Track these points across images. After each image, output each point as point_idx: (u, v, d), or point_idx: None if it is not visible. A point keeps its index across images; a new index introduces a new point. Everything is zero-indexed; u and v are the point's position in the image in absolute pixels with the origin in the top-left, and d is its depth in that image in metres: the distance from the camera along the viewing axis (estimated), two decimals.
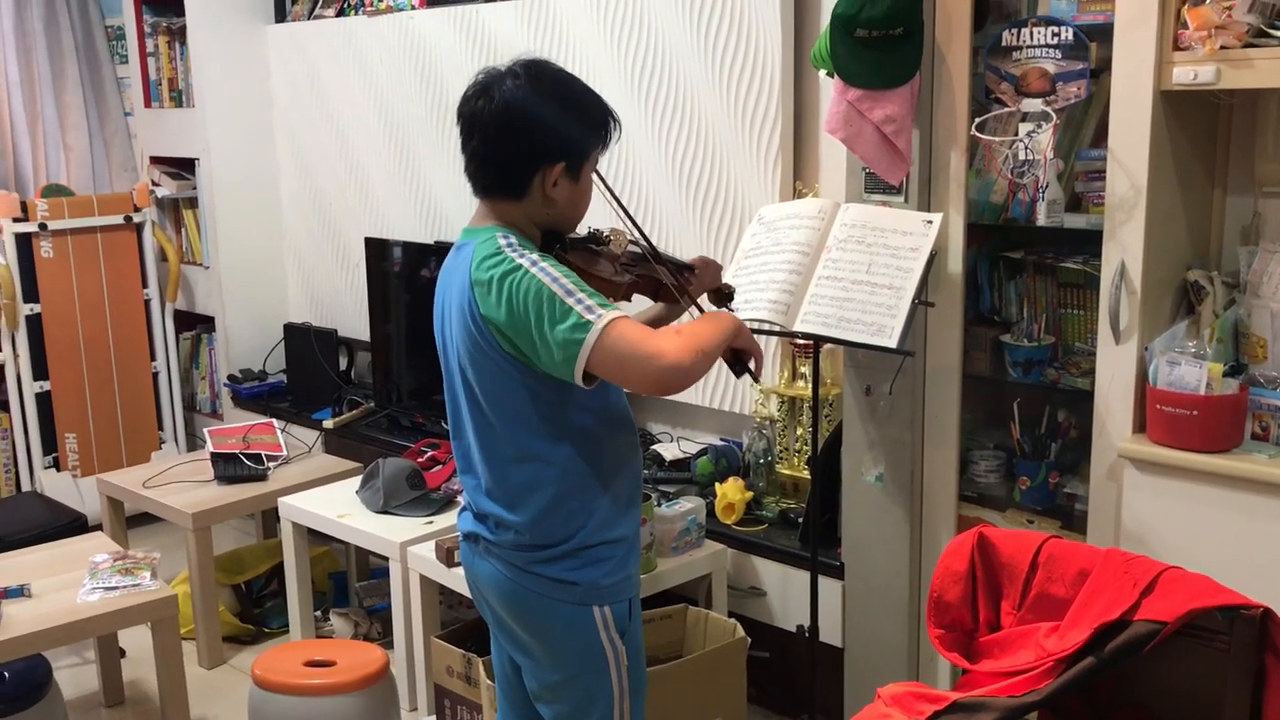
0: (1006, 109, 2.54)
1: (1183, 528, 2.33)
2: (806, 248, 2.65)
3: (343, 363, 4.76)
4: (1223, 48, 2.21)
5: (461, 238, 2.06)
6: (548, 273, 1.90)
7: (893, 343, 2.47)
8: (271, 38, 4.84)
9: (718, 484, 3.29)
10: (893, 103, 2.55)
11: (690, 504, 3.10)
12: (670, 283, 2.20)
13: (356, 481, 3.60)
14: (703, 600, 3.11)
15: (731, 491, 3.22)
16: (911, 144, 2.61)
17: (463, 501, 2.19)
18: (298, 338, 4.79)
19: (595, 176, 2.08)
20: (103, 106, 5.33)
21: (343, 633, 3.72)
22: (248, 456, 3.97)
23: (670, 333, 1.91)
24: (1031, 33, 2.49)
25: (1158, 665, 1.87)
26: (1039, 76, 2.49)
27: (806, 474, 3.24)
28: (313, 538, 3.64)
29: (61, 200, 4.65)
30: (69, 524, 3.83)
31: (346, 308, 4.75)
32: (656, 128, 3.51)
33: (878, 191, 2.72)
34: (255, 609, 3.99)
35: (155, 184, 5.07)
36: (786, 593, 3.10)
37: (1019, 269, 2.75)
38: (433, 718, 3.11)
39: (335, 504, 3.52)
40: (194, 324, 5.21)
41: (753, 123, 3.28)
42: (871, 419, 2.81)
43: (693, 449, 3.56)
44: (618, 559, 2.07)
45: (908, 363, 2.69)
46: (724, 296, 2.35)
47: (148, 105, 5.13)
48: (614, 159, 3.55)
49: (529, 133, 1.96)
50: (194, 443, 5.02)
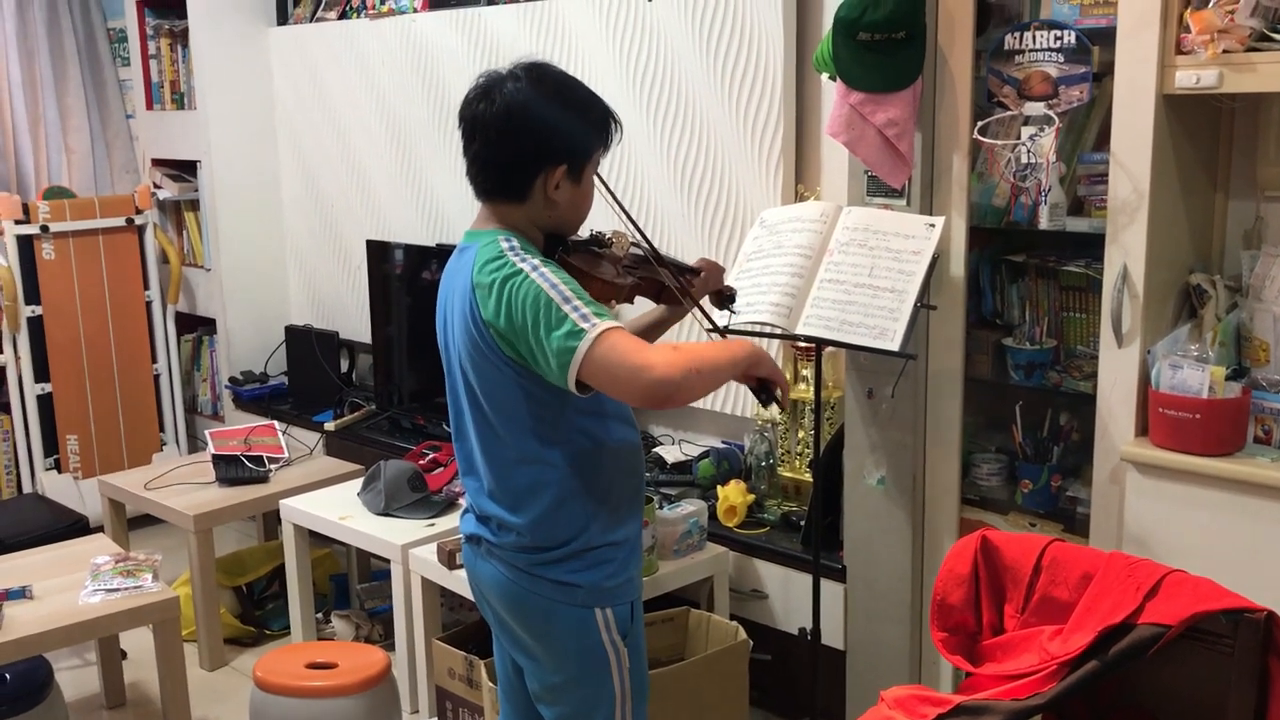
0: (1009, 112, 2.54)
1: (1185, 531, 2.32)
2: (808, 251, 2.65)
3: (344, 365, 4.76)
4: (1225, 52, 2.21)
5: (464, 240, 2.06)
6: (547, 279, 1.90)
7: (895, 346, 2.47)
8: (273, 40, 4.84)
9: (720, 487, 3.29)
10: (895, 106, 2.55)
11: (692, 507, 3.10)
12: (673, 285, 2.20)
13: (358, 484, 3.60)
14: (705, 603, 3.11)
15: (733, 494, 3.22)
16: (914, 147, 2.61)
17: (465, 504, 2.19)
18: (299, 340, 4.79)
19: (596, 179, 2.08)
20: (105, 109, 5.34)
21: (344, 635, 3.72)
22: (249, 458, 3.97)
23: (667, 348, 1.88)
24: (1034, 36, 2.49)
25: (1161, 669, 1.87)
26: (1041, 80, 2.49)
27: (808, 477, 3.24)
28: (314, 540, 3.64)
29: (63, 202, 4.65)
30: (70, 526, 3.83)
31: (348, 310, 4.75)
32: (658, 131, 3.52)
33: (880, 194, 2.72)
34: (256, 611, 3.99)
35: (157, 186, 5.07)
36: (788, 595, 3.10)
37: (1021, 272, 2.75)
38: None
39: (336, 506, 3.52)
40: (195, 326, 5.21)
41: (755, 126, 3.28)
42: (873, 422, 2.80)
43: (695, 451, 3.56)
44: (620, 561, 2.07)
45: (910, 366, 2.69)
46: (725, 299, 2.36)
47: (149, 107, 5.13)
48: (616, 162, 3.55)
49: (531, 135, 1.96)
50: (195, 445, 5.03)
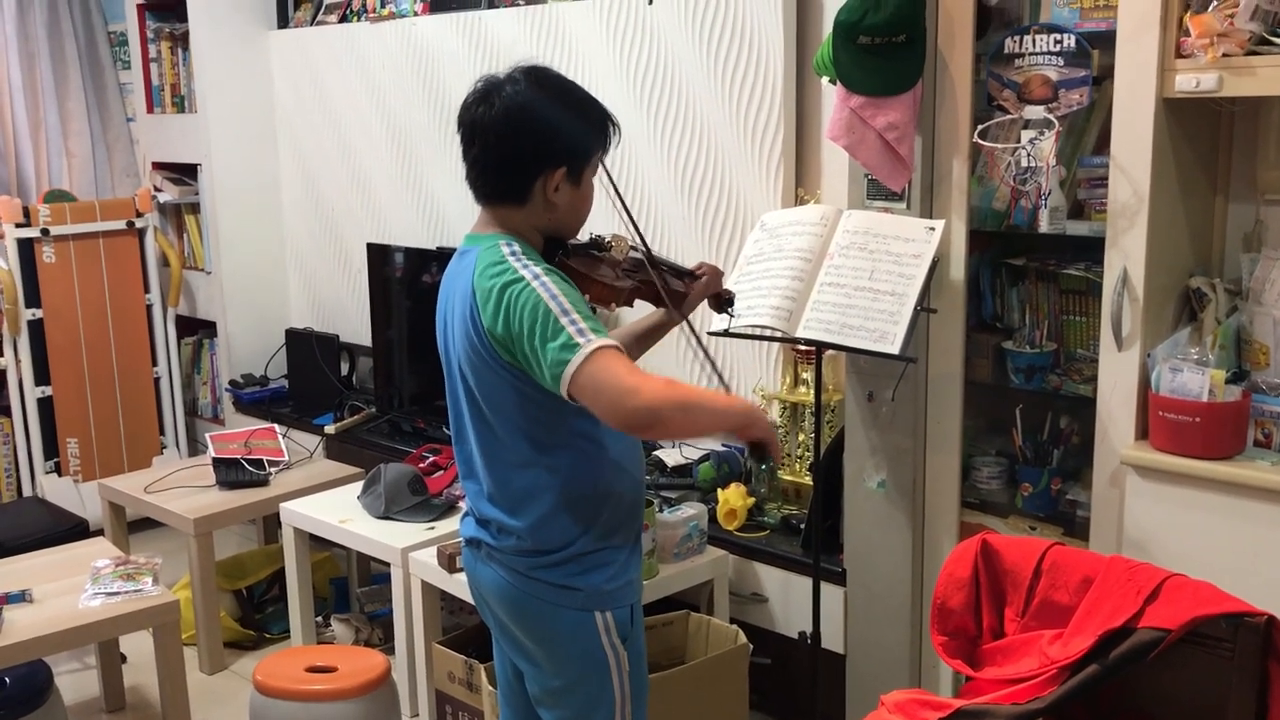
0: (1009, 116, 2.54)
1: (1185, 535, 2.32)
2: (809, 254, 2.65)
3: (344, 368, 4.76)
4: (1225, 55, 2.21)
5: (464, 244, 2.06)
6: (548, 289, 1.89)
7: (895, 349, 2.47)
8: (274, 43, 4.85)
9: (720, 490, 3.28)
10: (895, 110, 2.55)
11: (692, 510, 3.10)
12: (663, 293, 2.20)
13: (358, 487, 3.60)
14: (704, 606, 3.11)
15: (733, 497, 3.22)
16: (914, 151, 2.61)
17: (465, 507, 2.19)
18: (299, 343, 4.79)
19: (606, 178, 2.07)
20: (105, 112, 5.34)
21: (344, 638, 3.72)
22: (249, 462, 3.97)
23: (660, 379, 1.87)
24: (1034, 40, 2.49)
25: (1161, 673, 1.87)
26: (1041, 84, 2.49)
27: (808, 480, 3.23)
28: (314, 543, 3.63)
29: (64, 205, 4.65)
30: (70, 529, 3.83)
31: (348, 313, 4.75)
32: (659, 134, 3.52)
33: (880, 198, 2.72)
34: (256, 614, 3.99)
35: (157, 189, 5.07)
36: (788, 599, 3.10)
37: (1021, 276, 2.75)
38: None
39: (337, 509, 3.52)
40: (196, 329, 5.21)
41: (755, 129, 3.28)
42: (874, 425, 2.80)
43: (695, 455, 3.56)
44: (619, 564, 2.07)
45: (910, 369, 2.69)
46: (724, 302, 2.35)
47: (150, 111, 5.14)
48: (616, 165, 3.53)
49: (530, 137, 1.96)
50: (195, 448, 5.03)
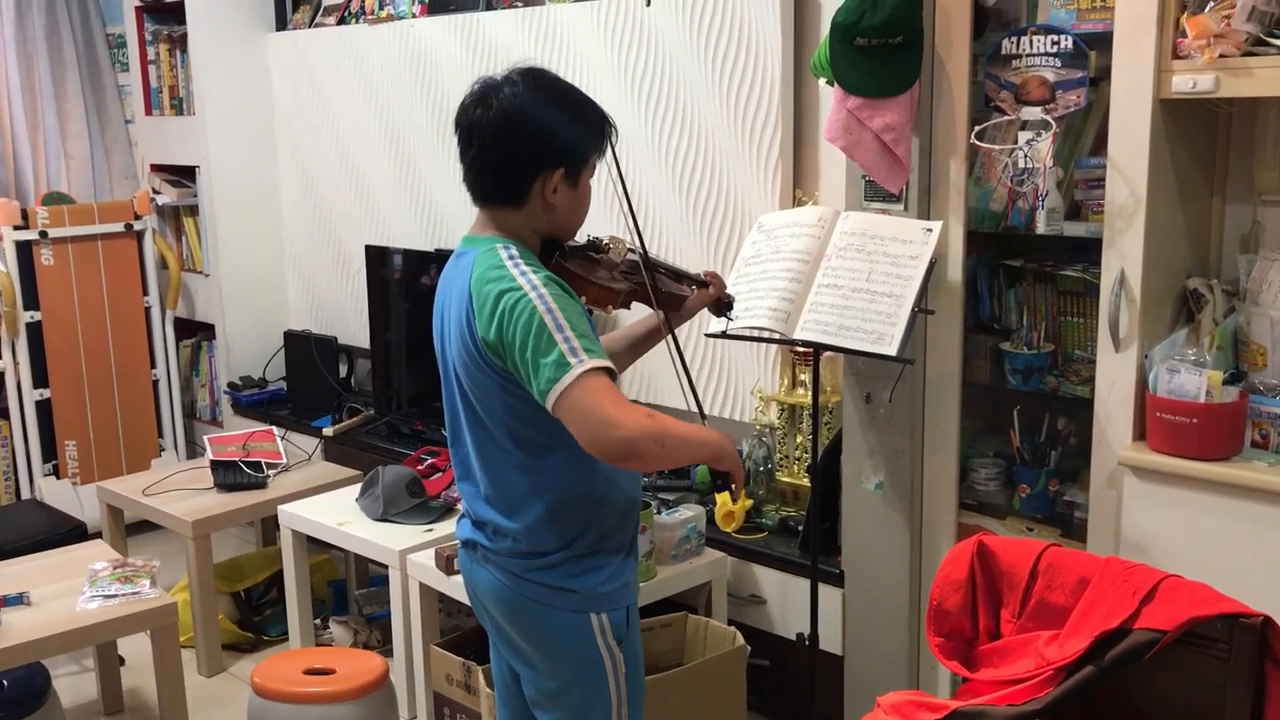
0: (1006, 117, 2.54)
1: (1183, 536, 2.32)
2: (806, 256, 2.65)
3: (343, 370, 4.76)
4: (1222, 56, 2.21)
5: (461, 246, 2.06)
6: (544, 301, 1.88)
7: (893, 350, 2.47)
8: (272, 46, 4.85)
9: (718, 492, 3.28)
10: (892, 111, 2.55)
11: (690, 512, 3.10)
12: (673, 291, 2.20)
13: (356, 489, 3.60)
14: (702, 608, 3.11)
15: (731, 500, 3.22)
16: (911, 152, 2.61)
17: (461, 509, 2.19)
18: (298, 345, 4.79)
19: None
20: (103, 114, 5.34)
21: (342, 641, 3.72)
22: (247, 464, 3.97)
23: (642, 412, 1.86)
24: (1031, 41, 2.49)
25: (1157, 674, 1.87)
26: (1038, 85, 2.49)
27: (806, 482, 3.23)
28: (312, 545, 3.63)
29: (62, 208, 4.65)
30: (68, 532, 3.83)
31: (347, 315, 4.75)
32: (657, 136, 3.52)
33: (877, 199, 2.72)
34: (255, 617, 3.99)
35: (156, 192, 5.07)
36: (786, 601, 3.10)
37: (1019, 277, 2.75)
38: None
39: (335, 512, 3.52)
40: (194, 331, 5.21)
41: (753, 131, 3.29)
42: (871, 427, 2.80)
43: None
44: (615, 566, 2.07)
45: (907, 370, 2.69)
46: (723, 305, 2.36)
47: (148, 113, 5.14)
48: (613, 173, 3.55)
49: (528, 139, 1.96)
50: (194, 450, 5.02)
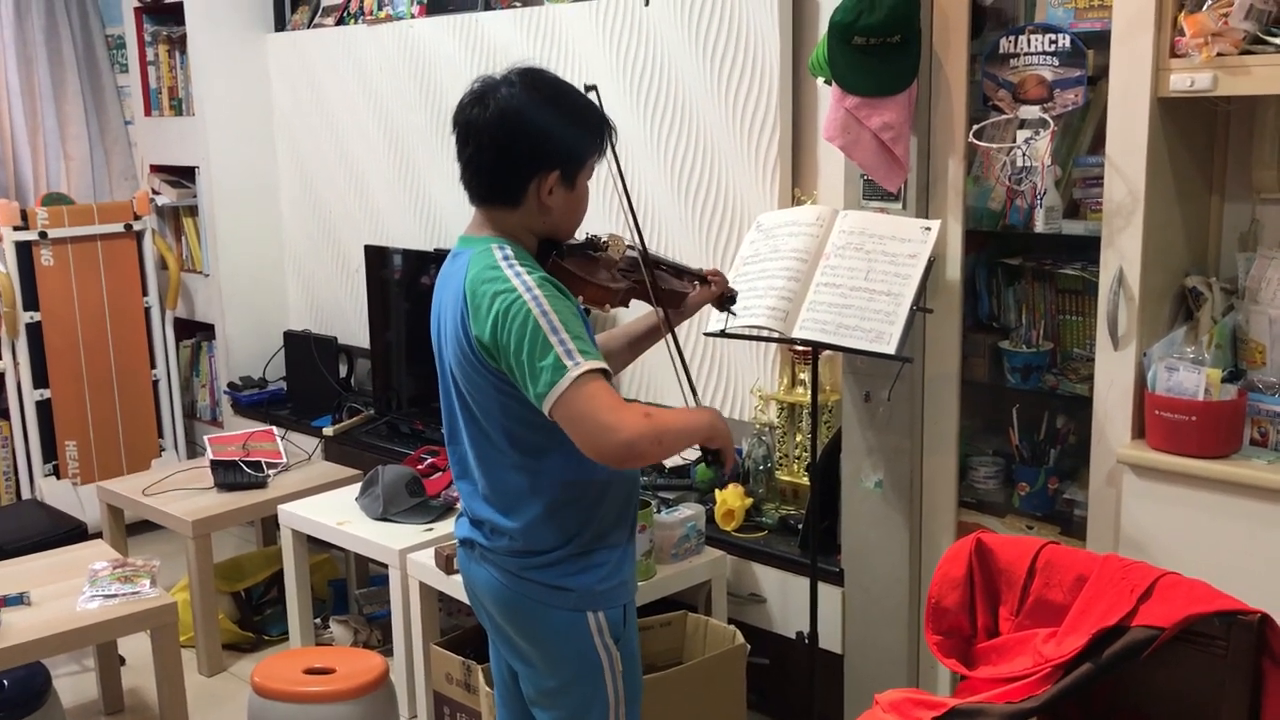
0: (1004, 116, 2.54)
1: (1181, 533, 2.33)
2: (805, 255, 2.65)
3: (342, 370, 4.76)
4: (1219, 54, 2.21)
5: (458, 246, 2.06)
6: (539, 303, 1.87)
7: (891, 349, 2.47)
8: (271, 46, 4.85)
9: (717, 490, 3.29)
10: (891, 110, 2.55)
11: (690, 511, 3.10)
12: (674, 289, 2.20)
13: (356, 489, 3.60)
14: (702, 607, 3.11)
15: (731, 498, 3.22)
16: (909, 151, 2.62)
17: (460, 508, 2.19)
18: (298, 345, 4.79)
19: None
20: (103, 115, 5.34)
21: (342, 640, 3.72)
22: (247, 464, 3.97)
23: (639, 412, 1.87)
24: (1029, 40, 2.49)
25: (1155, 671, 1.87)
26: (1036, 83, 2.49)
27: (806, 480, 3.24)
28: (312, 545, 3.63)
29: (62, 209, 4.65)
30: (69, 532, 3.84)
31: (346, 315, 4.75)
32: (655, 135, 3.52)
33: (876, 198, 2.73)
34: (255, 616, 3.99)
35: (155, 192, 5.07)
36: (786, 599, 3.10)
37: (1017, 275, 2.75)
38: None
39: (335, 511, 3.52)
40: (194, 331, 5.21)
41: (751, 130, 3.29)
42: (870, 425, 2.81)
43: (692, 455, 3.56)
44: (612, 564, 2.07)
45: (906, 369, 2.69)
46: (726, 300, 2.35)
47: (148, 114, 5.14)
48: (613, 169, 3.55)
49: (524, 140, 1.95)
50: (194, 450, 5.03)
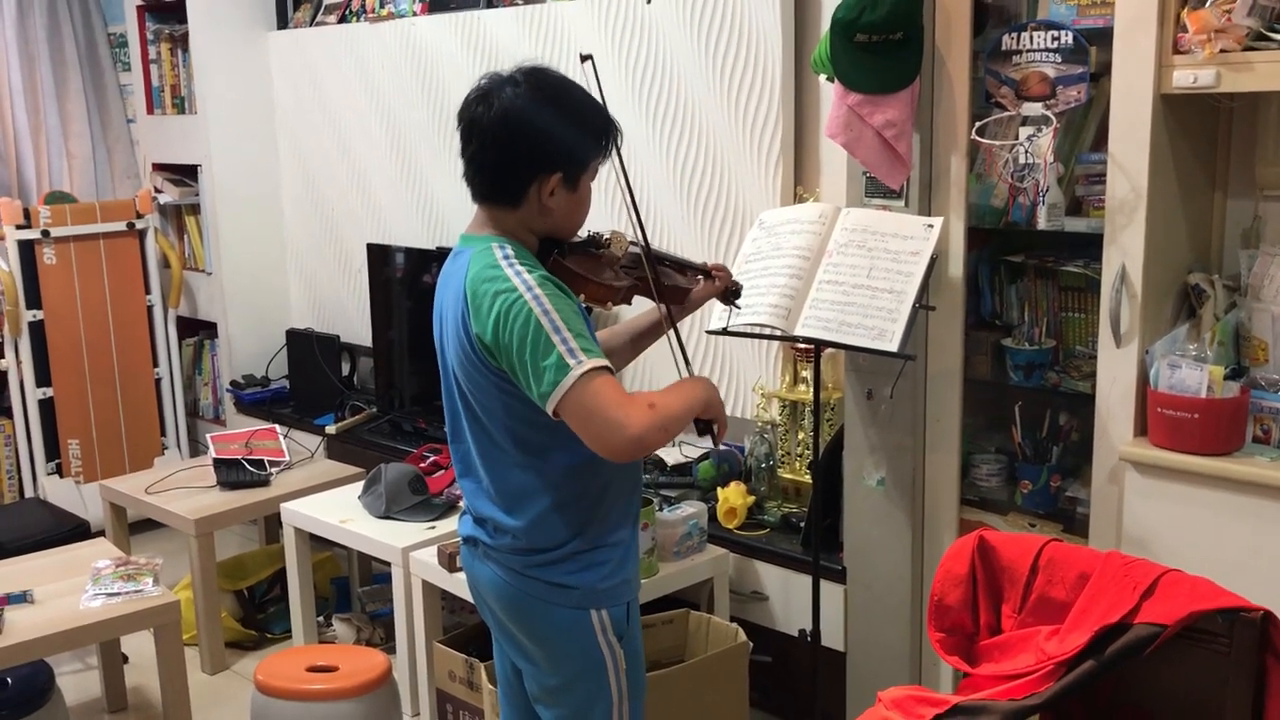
0: (1007, 113, 2.54)
1: (1184, 531, 2.32)
2: (807, 252, 2.65)
3: (345, 368, 4.76)
4: (1222, 51, 2.21)
5: (459, 245, 2.06)
6: (540, 302, 1.87)
7: (894, 347, 2.47)
8: (273, 44, 4.85)
9: (720, 488, 3.29)
10: (893, 107, 2.55)
11: (692, 509, 3.10)
12: (677, 284, 2.20)
13: (359, 487, 3.60)
14: (705, 605, 3.11)
15: (733, 496, 3.22)
16: (912, 148, 2.61)
17: (463, 506, 2.19)
18: (300, 343, 4.80)
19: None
20: (105, 113, 5.35)
21: (345, 638, 3.72)
22: (250, 462, 3.97)
23: (643, 404, 1.87)
24: (1031, 37, 2.49)
25: (1158, 668, 1.87)
26: (1039, 80, 2.49)
27: (808, 478, 3.23)
28: (315, 543, 3.64)
29: (64, 207, 4.66)
30: (72, 530, 3.84)
31: (349, 313, 4.76)
32: (658, 133, 3.52)
33: (878, 196, 2.73)
34: (258, 614, 4.00)
35: (158, 190, 5.08)
36: (788, 597, 3.10)
37: (1020, 273, 2.75)
38: None
39: (338, 509, 3.52)
40: (196, 330, 5.22)
41: (753, 128, 3.29)
42: (873, 423, 2.80)
43: (694, 453, 3.56)
44: (615, 562, 2.07)
45: (909, 367, 2.69)
46: (731, 295, 2.34)
47: (150, 112, 5.14)
48: (615, 164, 3.55)
49: (526, 142, 1.95)
50: (197, 448, 5.03)
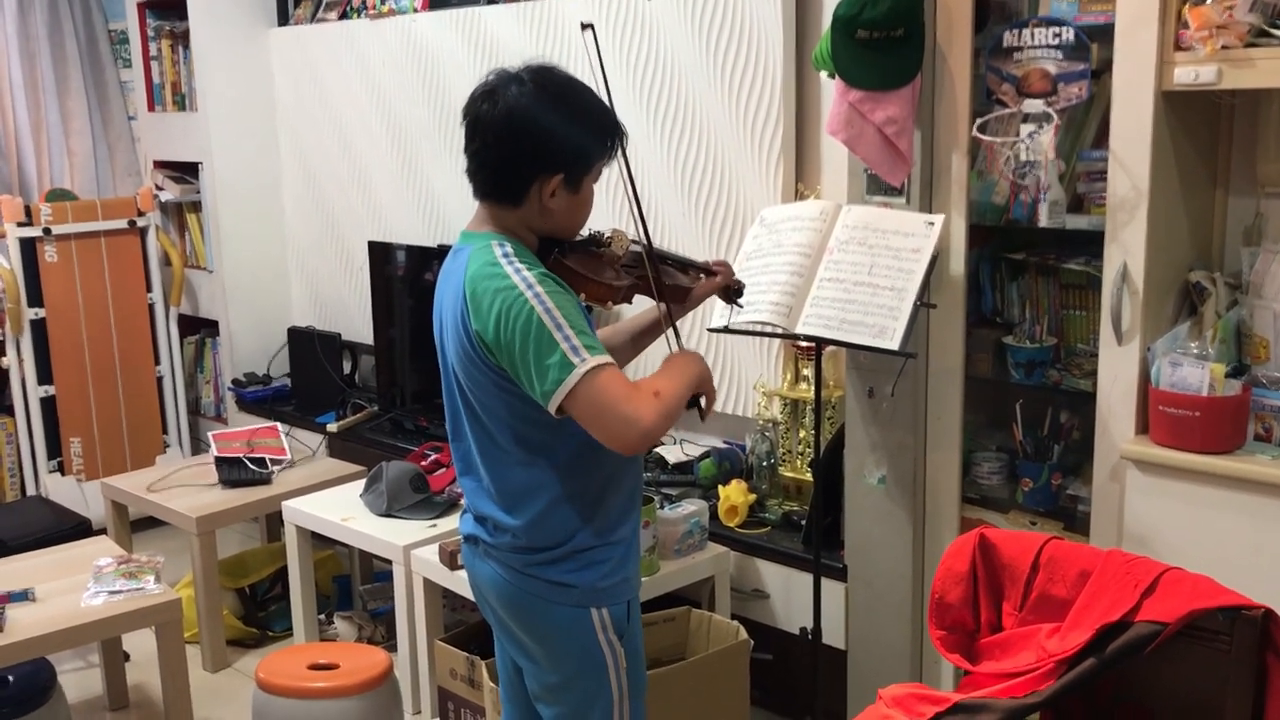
0: (1008, 110, 2.53)
1: (1185, 529, 2.32)
2: (808, 249, 2.65)
3: (346, 366, 4.76)
4: (1224, 48, 2.21)
5: (459, 242, 2.05)
6: (541, 300, 1.87)
7: (895, 345, 2.47)
8: (274, 41, 4.85)
9: (721, 486, 3.29)
10: (894, 104, 2.55)
11: (693, 507, 3.10)
12: (678, 284, 2.19)
13: (360, 485, 3.61)
14: (706, 603, 3.11)
15: (734, 494, 3.22)
16: (913, 145, 2.61)
17: (464, 504, 2.19)
18: (301, 341, 4.80)
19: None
20: (106, 111, 5.34)
21: (346, 636, 3.72)
22: (252, 460, 3.97)
23: (649, 394, 1.88)
24: (1033, 33, 2.48)
25: (1159, 666, 1.87)
26: (1040, 77, 2.48)
27: (809, 476, 3.23)
28: (316, 541, 3.64)
29: (65, 205, 4.66)
30: (73, 528, 3.84)
31: (350, 311, 4.75)
32: (659, 130, 3.52)
33: (879, 193, 2.72)
34: (259, 612, 4.00)
35: (159, 188, 5.08)
36: (789, 595, 3.10)
37: (1021, 270, 2.74)
38: None
39: (339, 507, 3.52)
40: (198, 328, 5.22)
41: (754, 125, 3.28)
42: (874, 421, 2.80)
43: (696, 452, 3.56)
44: (615, 561, 2.07)
45: (910, 365, 2.68)
46: (733, 293, 2.33)
47: (151, 109, 5.14)
48: (620, 165, 3.55)
49: (529, 142, 1.94)
50: (198, 447, 5.03)
